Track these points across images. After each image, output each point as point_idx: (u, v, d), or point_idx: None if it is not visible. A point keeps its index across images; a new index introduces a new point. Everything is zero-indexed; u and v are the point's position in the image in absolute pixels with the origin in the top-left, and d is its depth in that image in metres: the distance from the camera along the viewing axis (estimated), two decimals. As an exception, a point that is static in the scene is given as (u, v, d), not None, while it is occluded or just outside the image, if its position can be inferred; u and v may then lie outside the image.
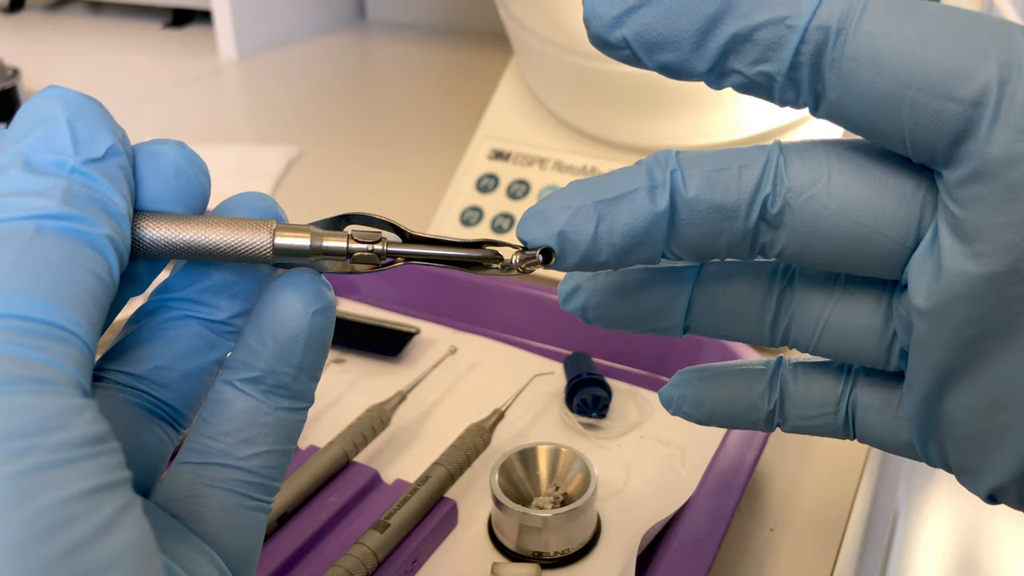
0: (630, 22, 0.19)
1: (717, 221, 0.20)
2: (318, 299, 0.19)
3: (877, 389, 0.23)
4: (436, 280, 0.53)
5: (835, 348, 0.22)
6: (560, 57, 0.56)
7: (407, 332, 0.49)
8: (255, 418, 0.19)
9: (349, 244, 0.20)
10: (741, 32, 0.18)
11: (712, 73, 0.19)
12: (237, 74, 1.08)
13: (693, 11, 0.18)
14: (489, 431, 0.39)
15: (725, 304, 0.22)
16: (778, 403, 0.24)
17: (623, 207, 0.20)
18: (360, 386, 0.46)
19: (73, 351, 0.15)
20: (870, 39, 0.17)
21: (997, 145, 0.17)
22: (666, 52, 0.19)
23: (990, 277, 0.18)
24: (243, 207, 0.20)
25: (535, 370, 0.45)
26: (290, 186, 0.76)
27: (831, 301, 0.22)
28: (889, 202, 0.19)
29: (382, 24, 1.31)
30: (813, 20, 0.18)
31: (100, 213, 0.17)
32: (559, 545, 0.35)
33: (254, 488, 0.20)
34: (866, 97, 0.18)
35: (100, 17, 1.37)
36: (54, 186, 0.16)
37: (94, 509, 0.14)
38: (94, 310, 0.16)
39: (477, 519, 0.37)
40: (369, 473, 0.39)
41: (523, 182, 0.59)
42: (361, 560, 0.33)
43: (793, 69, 0.18)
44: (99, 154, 0.17)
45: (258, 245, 0.19)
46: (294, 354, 0.19)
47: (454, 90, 1.00)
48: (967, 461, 0.21)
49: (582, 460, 0.37)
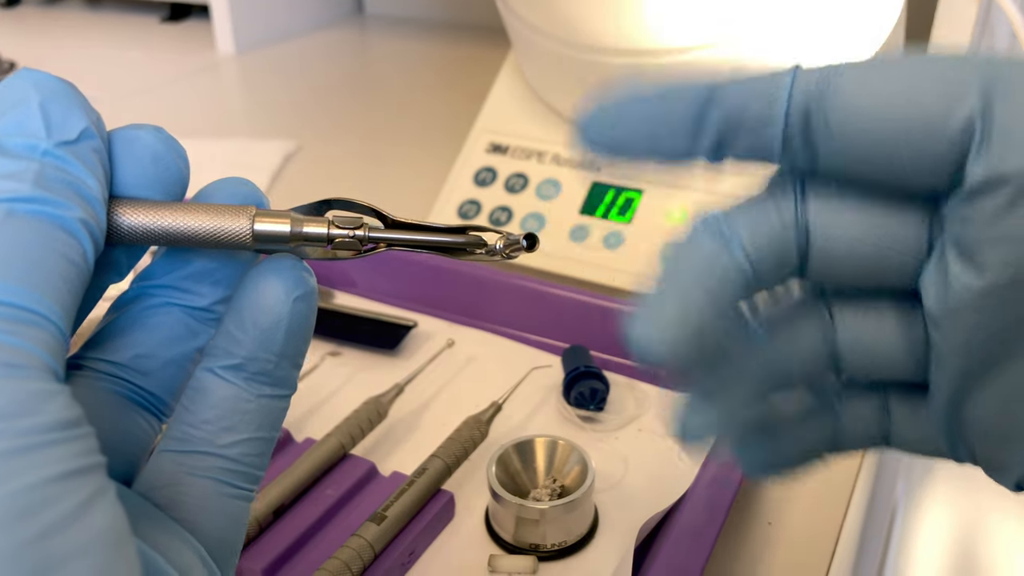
0: (622, 127, 0.20)
1: (775, 267, 0.21)
2: (299, 285, 0.19)
3: (906, 398, 0.23)
4: (433, 273, 0.52)
5: (872, 368, 0.22)
6: (558, 51, 0.56)
7: (404, 325, 0.49)
8: (236, 405, 0.19)
9: (330, 230, 0.19)
10: (729, 120, 0.19)
11: (709, 160, 0.20)
12: (234, 69, 1.08)
13: (680, 111, 0.19)
14: (486, 424, 0.39)
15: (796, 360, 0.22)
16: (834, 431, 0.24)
17: (720, 279, 0.20)
18: (357, 379, 0.46)
19: (45, 336, 0.15)
20: (852, 97, 0.18)
21: (985, 167, 0.18)
22: (659, 153, 0.20)
23: (992, 289, 0.18)
24: (224, 192, 0.20)
25: (533, 363, 0.45)
26: (287, 180, 0.76)
27: (870, 327, 0.22)
28: (897, 224, 0.20)
29: (380, 19, 1.30)
30: (794, 90, 0.19)
31: (73, 196, 0.16)
32: (556, 537, 0.35)
33: (236, 476, 0.20)
34: (862, 151, 0.19)
35: (97, 11, 1.37)
36: (25, 169, 0.16)
37: (66, 494, 0.14)
38: (67, 295, 0.16)
39: (474, 511, 0.37)
40: (366, 465, 0.39)
41: (521, 175, 0.59)
42: (358, 552, 0.33)
43: (785, 141, 0.19)
44: (72, 137, 0.17)
45: (237, 231, 0.19)
46: (275, 341, 0.19)
47: (452, 84, 1.00)
48: (993, 456, 0.22)
49: (579, 452, 0.36)
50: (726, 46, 0.51)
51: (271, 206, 0.20)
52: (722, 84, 0.19)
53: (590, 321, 0.48)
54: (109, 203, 0.18)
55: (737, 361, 0.21)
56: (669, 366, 0.20)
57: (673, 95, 0.20)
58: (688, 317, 0.20)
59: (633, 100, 0.20)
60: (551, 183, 0.58)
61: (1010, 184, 0.17)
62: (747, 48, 0.51)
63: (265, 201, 0.20)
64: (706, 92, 0.19)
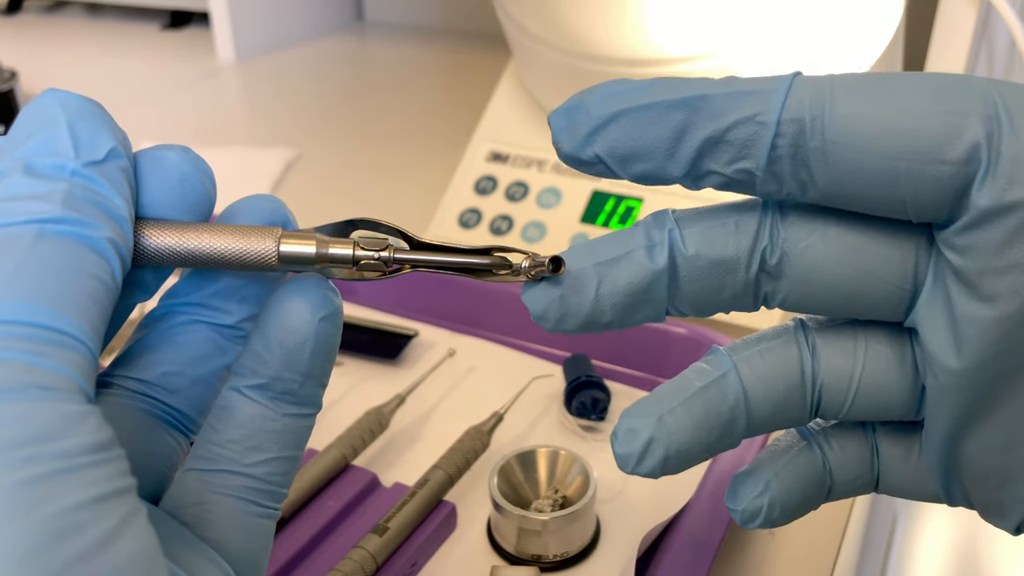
0: (600, 140, 0.19)
1: (718, 275, 0.20)
2: (325, 305, 0.19)
3: (898, 438, 0.22)
4: (434, 283, 0.53)
5: (868, 408, 0.21)
6: (558, 59, 0.56)
7: (405, 335, 0.49)
8: (262, 424, 0.19)
9: (355, 252, 0.19)
10: (713, 135, 0.18)
11: (688, 177, 0.19)
12: (235, 76, 1.08)
13: (662, 121, 0.19)
14: (488, 434, 0.39)
15: (773, 402, 0.21)
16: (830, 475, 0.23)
17: (623, 267, 0.20)
18: (358, 389, 0.46)
19: (77, 357, 0.15)
20: (848, 121, 0.18)
21: (991, 195, 0.17)
22: (640, 163, 0.19)
23: (1001, 320, 0.18)
24: (251, 209, 0.20)
25: (534, 372, 0.45)
26: (288, 188, 0.76)
27: (859, 361, 0.21)
28: (884, 248, 0.19)
29: (380, 26, 1.31)
30: (784, 113, 0.18)
31: (101, 216, 0.17)
32: (558, 548, 0.35)
33: (262, 495, 0.20)
34: (859, 177, 0.18)
35: (98, 19, 1.37)
36: (55, 190, 0.16)
37: (99, 518, 0.14)
38: (97, 314, 0.16)
39: (476, 522, 0.37)
40: (368, 476, 0.39)
41: (521, 184, 0.59)
42: (360, 564, 0.33)
43: (772, 163, 0.18)
44: (100, 157, 0.17)
45: (263, 253, 0.19)
46: (301, 361, 0.19)
47: (452, 92, 1.00)
48: (990, 498, 0.21)
49: (581, 463, 0.37)
50: (727, 55, 0.51)
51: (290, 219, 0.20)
52: (709, 95, 0.19)
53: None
54: (135, 224, 0.18)
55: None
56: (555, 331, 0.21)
57: (656, 104, 0.19)
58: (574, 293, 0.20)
59: (613, 109, 0.19)
60: (552, 192, 0.58)
61: (1020, 211, 0.17)
62: (747, 57, 0.51)
63: (291, 217, 0.20)
64: (691, 102, 0.19)
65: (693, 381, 0.21)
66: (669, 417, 0.21)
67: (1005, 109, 0.17)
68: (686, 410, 0.21)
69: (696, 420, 0.21)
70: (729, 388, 0.21)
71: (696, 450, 0.21)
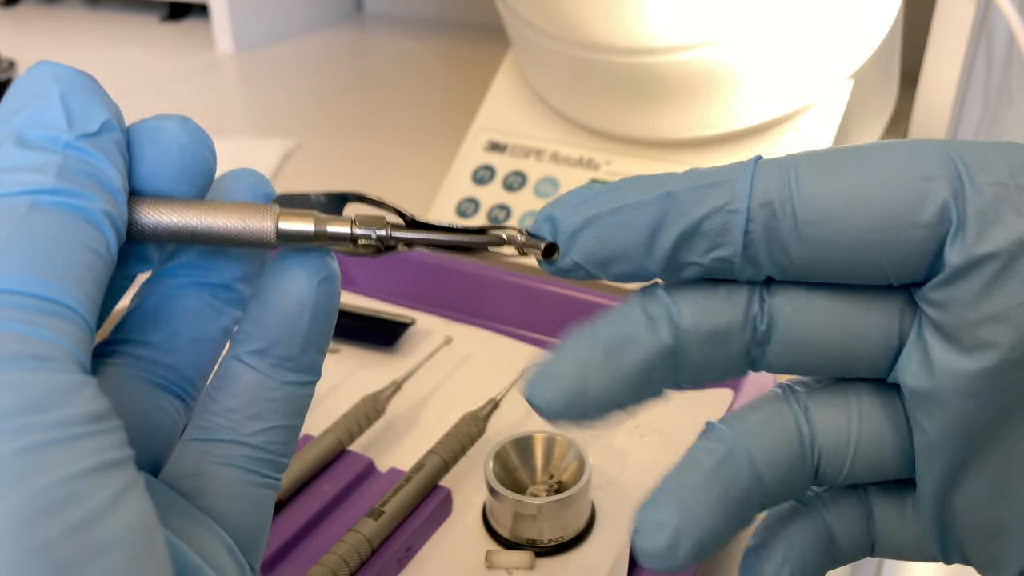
0: (576, 247, 0.19)
1: (715, 345, 0.20)
2: (323, 269, 0.19)
3: (891, 498, 0.22)
4: (431, 271, 0.53)
5: (866, 467, 0.21)
6: (557, 49, 0.56)
7: (402, 323, 0.49)
8: (262, 393, 0.19)
9: (353, 230, 0.19)
10: (687, 230, 0.19)
11: (668, 271, 0.19)
12: (234, 68, 1.08)
13: (634, 223, 0.19)
14: (484, 420, 0.39)
15: (780, 470, 0.21)
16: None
17: (631, 349, 0.20)
18: (355, 376, 0.46)
19: (71, 327, 0.15)
20: (818, 201, 0.18)
21: (961, 251, 0.17)
22: (619, 265, 0.19)
23: (981, 371, 0.18)
24: (236, 183, 0.20)
25: (530, 360, 0.45)
26: (286, 179, 0.76)
27: (853, 420, 0.21)
28: (869, 309, 0.20)
29: (379, 18, 1.31)
30: (752, 199, 0.18)
31: (96, 188, 0.17)
32: (553, 533, 0.35)
33: (262, 464, 0.20)
34: (836, 251, 0.18)
35: (97, 10, 1.37)
36: (48, 161, 0.16)
37: (95, 488, 0.14)
38: (92, 285, 0.16)
39: (472, 507, 0.37)
40: (364, 461, 0.39)
41: (519, 174, 0.59)
42: (355, 547, 0.33)
43: (748, 248, 0.19)
44: (94, 129, 0.17)
45: (261, 231, 0.19)
46: (300, 325, 0.19)
47: (451, 83, 1.00)
48: (985, 551, 0.21)
49: (577, 448, 0.37)
50: (726, 44, 0.51)
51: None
52: (676, 191, 0.19)
53: (587, 319, 0.48)
54: (132, 202, 0.18)
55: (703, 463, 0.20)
56: (564, 423, 0.20)
57: (626, 207, 0.19)
58: (583, 384, 0.20)
59: (584, 216, 0.19)
60: (549, 181, 0.58)
61: (991, 263, 0.17)
62: (747, 46, 0.51)
63: (272, 190, 0.20)
64: (661, 200, 0.19)
65: (703, 462, 0.20)
66: (692, 503, 0.20)
67: (964, 166, 0.18)
68: (704, 494, 0.20)
69: (716, 503, 0.20)
70: (740, 465, 0.20)
71: (722, 533, 0.20)
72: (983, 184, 0.18)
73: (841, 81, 0.55)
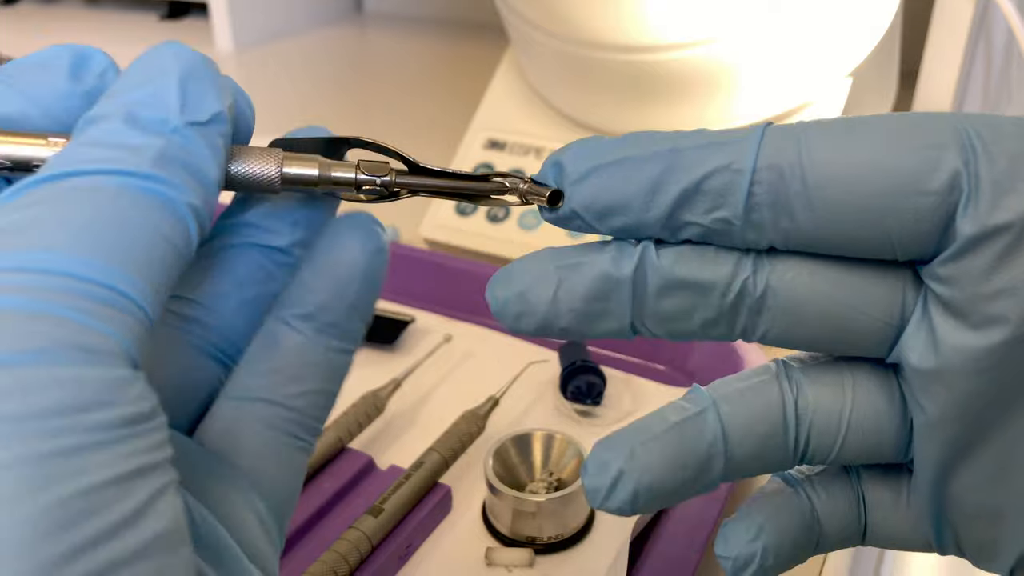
0: (576, 195, 0.19)
1: (689, 297, 0.20)
2: (375, 240, 0.19)
3: (885, 484, 0.22)
4: (432, 269, 0.53)
5: (858, 449, 0.21)
6: (556, 47, 0.56)
7: (402, 320, 0.49)
8: (304, 356, 0.19)
9: (358, 175, 0.19)
10: (689, 186, 0.18)
11: (667, 229, 0.19)
12: (233, 66, 1.08)
13: (637, 175, 0.19)
14: (484, 418, 0.39)
15: (753, 442, 0.21)
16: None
17: (584, 272, 0.20)
18: (355, 374, 0.45)
19: (131, 320, 0.14)
20: (828, 165, 0.18)
21: (975, 221, 0.17)
22: (617, 217, 0.19)
23: (991, 348, 0.18)
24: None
25: (530, 358, 0.45)
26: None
27: (847, 399, 0.21)
28: (871, 283, 0.19)
29: (379, 16, 1.30)
30: (759, 160, 0.18)
31: (190, 180, 0.16)
32: (553, 530, 0.35)
33: (298, 427, 0.19)
34: (844, 218, 0.18)
35: (96, 9, 1.37)
36: (150, 145, 0.16)
37: (126, 495, 0.13)
38: (161, 276, 0.15)
39: (471, 505, 0.37)
40: (363, 459, 0.39)
41: (519, 172, 0.59)
42: (355, 544, 0.33)
43: (750, 211, 0.18)
44: (204, 118, 0.17)
45: (266, 174, 0.19)
46: (349, 291, 0.19)
47: (450, 81, 1.00)
48: (983, 538, 0.21)
49: (576, 446, 0.37)
50: (725, 42, 0.51)
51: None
52: (682, 147, 0.19)
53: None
54: None
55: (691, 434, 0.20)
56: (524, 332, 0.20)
57: (630, 159, 0.19)
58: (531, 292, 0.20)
59: (588, 165, 0.19)
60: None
61: (1004, 235, 0.17)
62: (745, 43, 0.51)
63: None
64: (665, 155, 0.19)
65: (669, 416, 0.21)
66: (641, 450, 0.20)
67: (978, 137, 0.17)
68: (660, 445, 0.20)
69: (670, 456, 0.20)
70: (707, 425, 0.20)
71: (669, 488, 0.20)
72: (997, 154, 0.17)
73: (840, 79, 0.55)
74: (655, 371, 0.47)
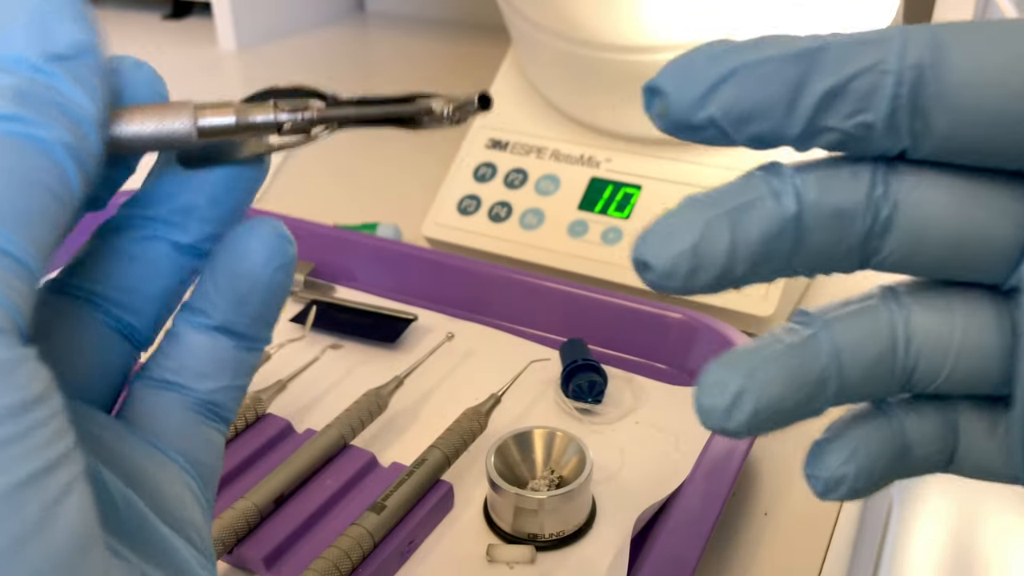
0: (715, 100, 0.18)
1: (838, 227, 0.19)
2: (279, 255, 0.19)
3: (979, 414, 0.21)
4: (434, 268, 0.53)
5: (965, 376, 0.20)
6: (558, 47, 0.56)
7: (404, 319, 0.49)
8: (211, 355, 0.19)
9: (276, 116, 0.19)
10: (834, 87, 0.17)
11: (803, 136, 0.18)
12: (236, 66, 1.08)
13: (780, 76, 0.17)
14: (485, 415, 0.40)
15: (863, 365, 0.20)
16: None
17: (755, 213, 0.18)
18: (357, 372, 0.47)
19: (14, 280, 0.12)
20: (969, 65, 0.17)
21: None
22: (757, 123, 0.18)
23: None
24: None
25: (531, 356, 0.45)
26: (287, 176, 0.77)
27: (957, 324, 0.20)
28: (999, 198, 0.18)
29: (381, 16, 1.31)
30: (905, 59, 0.17)
31: (61, 117, 0.14)
32: (554, 527, 0.35)
33: (213, 414, 0.20)
34: (980, 120, 0.17)
35: (99, 8, 1.36)
36: (7, 84, 0.14)
37: (26, 503, 0.11)
38: (44, 230, 0.14)
39: (473, 502, 0.38)
40: (366, 456, 0.39)
41: (520, 171, 0.59)
42: (358, 541, 0.33)
43: (892, 115, 0.17)
44: (69, 52, 0.15)
45: (181, 129, 0.18)
46: (251, 305, 0.19)
47: (452, 81, 1.00)
48: None
49: (577, 444, 0.37)
50: (724, 42, 0.51)
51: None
52: (829, 44, 0.17)
53: (588, 315, 0.48)
54: None
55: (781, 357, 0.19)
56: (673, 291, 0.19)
57: (774, 58, 0.17)
58: (704, 245, 0.18)
59: (728, 66, 0.18)
60: (550, 179, 0.58)
61: None
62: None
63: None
64: (810, 54, 0.17)
65: (784, 337, 0.20)
66: (761, 370, 0.19)
67: None
68: (777, 365, 0.19)
69: (788, 376, 0.19)
70: (821, 347, 0.19)
71: (786, 408, 0.19)
72: None
73: (841, 79, 0.55)
74: (656, 369, 0.47)
